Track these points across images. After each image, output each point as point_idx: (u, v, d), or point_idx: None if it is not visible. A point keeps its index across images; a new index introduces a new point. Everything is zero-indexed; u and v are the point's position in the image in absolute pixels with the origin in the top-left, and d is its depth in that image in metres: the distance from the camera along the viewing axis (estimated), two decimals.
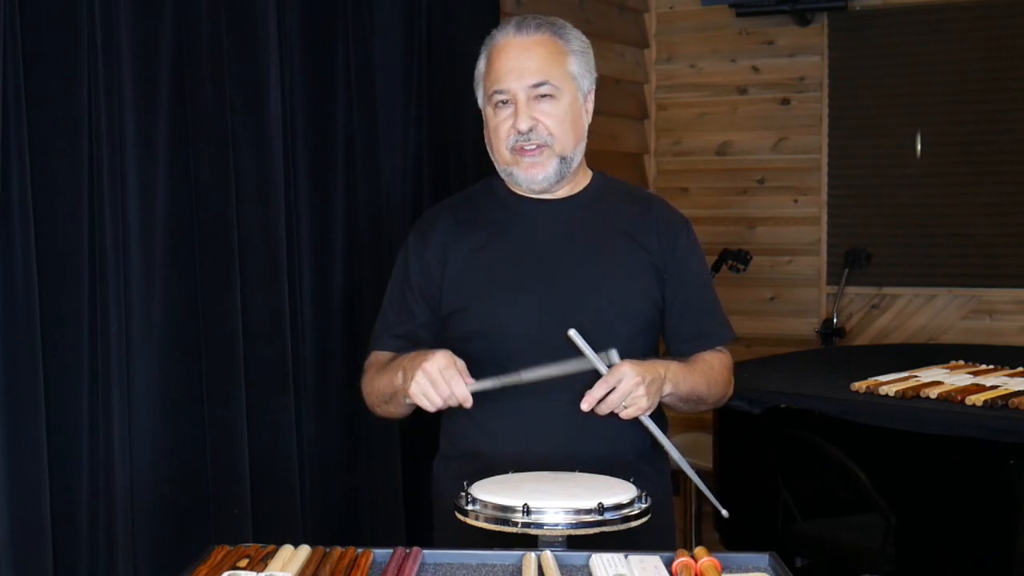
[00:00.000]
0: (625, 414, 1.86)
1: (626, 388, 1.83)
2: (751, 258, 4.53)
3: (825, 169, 4.93)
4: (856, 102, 4.87)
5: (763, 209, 5.04)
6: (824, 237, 4.94)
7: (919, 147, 4.76)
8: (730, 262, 4.48)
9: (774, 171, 5.02)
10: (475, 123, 3.37)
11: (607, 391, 1.83)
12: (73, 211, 2.15)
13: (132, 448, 2.27)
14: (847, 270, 4.68)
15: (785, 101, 4.99)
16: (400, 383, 1.90)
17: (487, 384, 1.84)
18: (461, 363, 1.85)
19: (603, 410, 1.85)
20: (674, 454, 1.93)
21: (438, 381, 1.81)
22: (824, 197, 4.94)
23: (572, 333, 1.81)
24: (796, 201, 4.99)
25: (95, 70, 2.17)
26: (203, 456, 2.44)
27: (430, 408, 1.85)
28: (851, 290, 4.82)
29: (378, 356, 2.10)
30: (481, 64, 2.05)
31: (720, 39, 5.07)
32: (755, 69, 5.03)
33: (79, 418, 2.17)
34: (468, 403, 1.83)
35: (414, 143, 3.10)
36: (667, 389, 1.94)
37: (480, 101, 2.07)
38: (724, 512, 1.95)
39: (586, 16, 4.60)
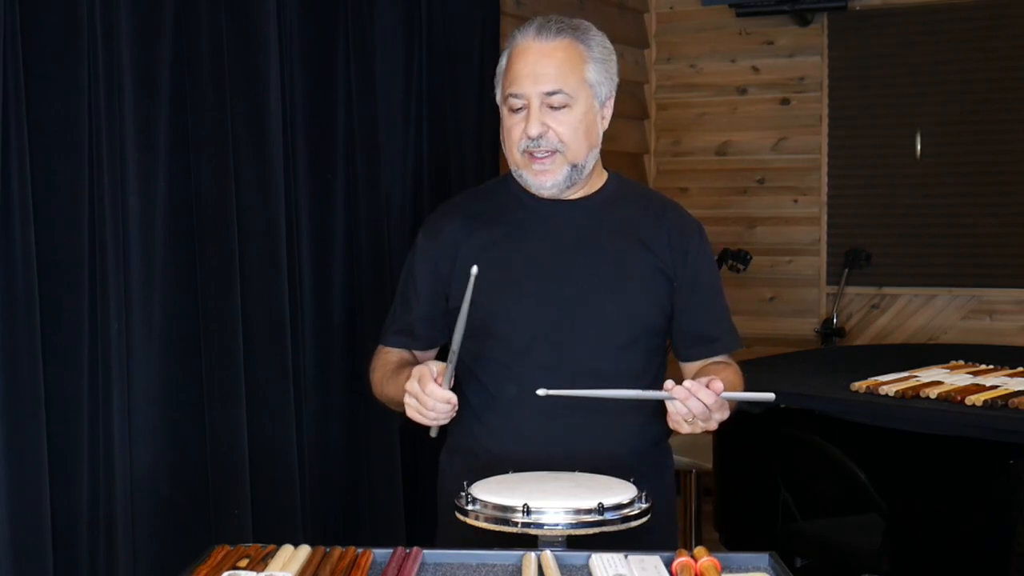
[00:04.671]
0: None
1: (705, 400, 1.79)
2: (751, 258, 4.53)
3: (825, 169, 4.93)
4: (856, 102, 4.87)
5: (763, 209, 5.04)
6: (824, 237, 4.94)
7: (919, 147, 4.77)
8: (730, 262, 4.48)
9: (774, 171, 5.02)
10: (475, 122, 3.39)
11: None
12: (73, 211, 2.15)
13: (132, 448, 2.27)
14: (847, 270, 4.68)
15: (785, 101, 4.99)
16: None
17: (450, 363, 1.81)
18: (436, 367, 1.84)
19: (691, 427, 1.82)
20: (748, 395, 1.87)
21: (419, 396, 1.81)
22: (824, 197, 4.94)
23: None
24: (796, 201, 4.99)
25: (95, 70, 2.17)
26: (203, 456, 2.44)
27: (433, 423, 1.85)
28: (851, 290, 4.83)
29: (384, 354, 2.13)
30: (502, 63, 2.04)
31: (720, 39, 5.07)
32: (755, 69, 5.03)
33: (79, 418, 2.17)
34: (453, 400, 1.82)
35: (414, 143, 3.10)
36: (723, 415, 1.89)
37: (498, 100, 2.06)
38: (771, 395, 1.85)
39: (586, 16, 4.59)
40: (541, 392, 1.77)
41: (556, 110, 1.96)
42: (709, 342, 2.10)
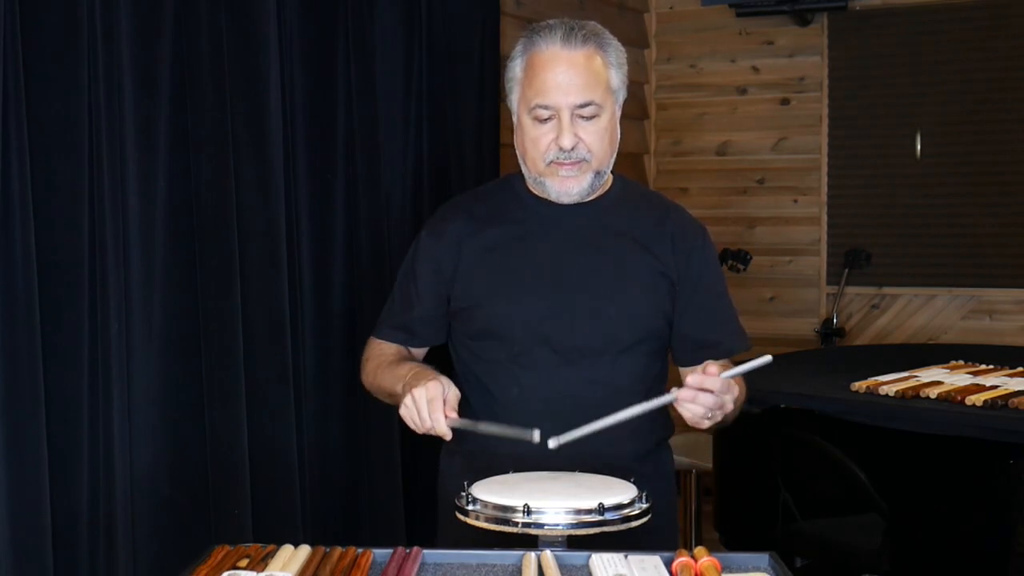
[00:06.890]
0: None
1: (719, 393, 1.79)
2: (751, 258, 4.53)
3: (825, 169, 4.93)
4: (856, 102, 4.87)
5: (763, 209, 5.04)
6: (824, 237, 4.94)
7: (919, 147, 4.76)
8: (730, 262, 4.49)
9: (774, 171, 5.02)
10: (475, 122, 3.39)
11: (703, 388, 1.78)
12: (73, 211, 2.15)
13: (132, 448, 2.27)
14: (847, 270, 4.68)
15: (785, 101, 4.99)
16: (399, 392, 1.92)
17: (467, 424, 1.84)
18: (453, 393, 1.84)
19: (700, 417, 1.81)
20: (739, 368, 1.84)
21: (422, 411, 1.81)
22: (824, 197, 4.94)
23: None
24: (796, 201, 4.99)
25: (95, 70, 2.18)
26: (203, 456, 2.44)
27: (417, 430, 1.86)
28: (851, 290, 4.82)
29: (378, 345, 2.14)
30: (518, 68, 2.00)
31: (720, 39, 5.07)
32: (755, 69, 5.03)
33: (79, 418, 2.17)
34: (447, 437, 1.83)
35: (414, 143, 3.10)
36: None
37: (513, 104, 2.02)
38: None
39: (586, 16, 4.59)
40: (552, 443, 1.75)
41: (586, 120, 1.95)
42: (710, 347, 2.09)
